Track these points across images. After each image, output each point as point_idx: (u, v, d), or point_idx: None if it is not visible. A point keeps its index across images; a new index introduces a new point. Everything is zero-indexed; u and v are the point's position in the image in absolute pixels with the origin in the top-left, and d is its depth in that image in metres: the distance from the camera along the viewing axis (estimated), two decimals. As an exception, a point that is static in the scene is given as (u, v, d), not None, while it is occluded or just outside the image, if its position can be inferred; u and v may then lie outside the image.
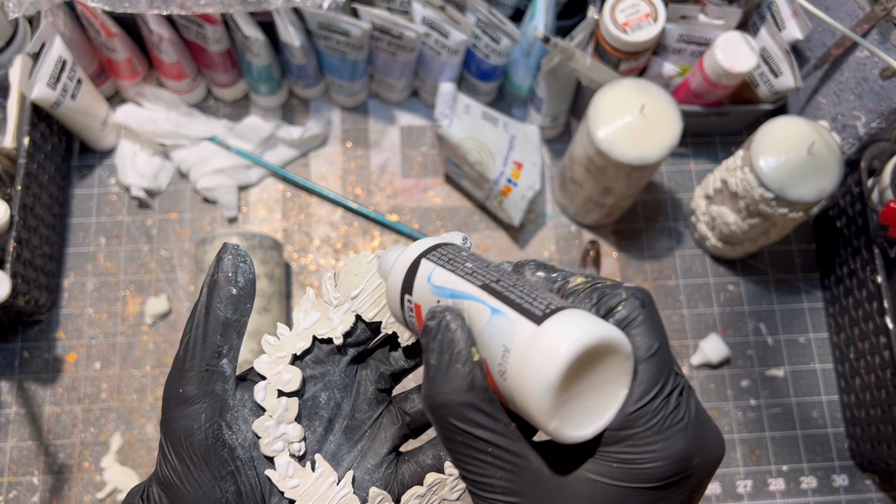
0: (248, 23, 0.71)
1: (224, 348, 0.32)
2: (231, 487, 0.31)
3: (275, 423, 0.32)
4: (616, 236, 0.80)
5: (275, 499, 0.33)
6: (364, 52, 0.74)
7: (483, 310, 0.26)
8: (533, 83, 0.79)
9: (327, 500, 0.33)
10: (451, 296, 0.28)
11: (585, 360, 0.24)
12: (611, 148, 0.64)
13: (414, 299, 0.30)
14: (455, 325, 0.26)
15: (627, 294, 0.27)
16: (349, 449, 0.35)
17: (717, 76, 0.71)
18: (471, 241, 0.84)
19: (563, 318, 0.25)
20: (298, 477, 0.33)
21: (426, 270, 0.30)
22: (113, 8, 0.64)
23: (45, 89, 0.69)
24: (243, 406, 0.33)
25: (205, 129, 0.79)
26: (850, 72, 0.70)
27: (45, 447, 0.71)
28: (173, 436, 0.31)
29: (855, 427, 0.73)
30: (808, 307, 0.79)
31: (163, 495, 0.31)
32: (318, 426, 0.34)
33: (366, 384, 0.35)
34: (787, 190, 0.64)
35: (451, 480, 0.35)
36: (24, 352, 0.73)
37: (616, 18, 0.68)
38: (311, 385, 0.34)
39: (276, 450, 0.33)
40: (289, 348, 0.34)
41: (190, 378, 0.31)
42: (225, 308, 0.32)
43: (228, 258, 0.32)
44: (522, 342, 0.24)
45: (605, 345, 0.24)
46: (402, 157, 0.82)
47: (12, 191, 0.67)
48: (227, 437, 0.32)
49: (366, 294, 0.34)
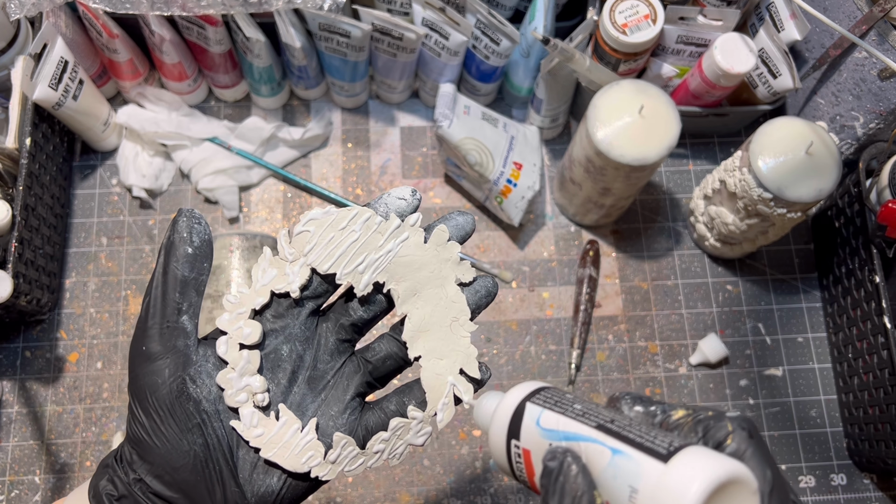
0: (250, 24, 0.71)
1: (183, 305, 0.33)
2: (198, 439, 0.32)
3: (237, 374, 0.33)
4: (615, 236, 0.81)
5: (242, 450, 0.34)
6: (365, 54, 0.74)
7: (602, 451, 0.26)
8: (532, 84, 0.79)
9: (291, 446, 0.34)
10: (566, 438, 0.28)
11: (715, 498, 0.24)
12: (610, 148, 0.64)
13: (522, 444, 0.29)
14: (576, 468, 0.26)
15: (734, 426, 0.27)
16: (313, 399, 0.36)
17: (716, 77, 0.71)
18: (469, 240, 0.83)
19: (691, 455, 0.25)
20: (263, 426, 0.34)
21: (533, 414, 0.29)
22: (114, 9, 0.65)
23: (46, 90, 0.69)
24: (206, 361, 0.34)
25: (206, 129, 0.79)
26: (848, 73, 0.71)
27: (46, 446, 0.71)
28: (139, 392, 0.32)
29: (853, 426, 0.73)
30: (806, 307, 0.79)
31: (133, 452, 0.32)
32: (281, 378, 0.35)
33: (326, 335, 0.36)
34: (785, 190, 0.64)
35: (416, 424, 0.36)
36: (26, 351, 0.74)
37: (615, 20, 0.68)
38: (273, 338, 0.35)
39: (240, 401, 0.33)
40: (248, 304, 0.35)
41: (152, 336, 0.32)
42: (182, 266, 0.33)
43: (183, 220, 0.34)
44: (651, 481, 0.24)
45: (734, 480, 0.24)
46: (402, 158, 0.82)
47: (14, 191, 0.68)
48: (191, 390, 0.33)
49: (319, 247, 0.35)
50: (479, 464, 0.73)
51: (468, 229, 0.36)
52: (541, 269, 0.79)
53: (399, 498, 0.71)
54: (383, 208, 0.35)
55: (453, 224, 0.36)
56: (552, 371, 0.76)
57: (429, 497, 0.71)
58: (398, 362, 0.37)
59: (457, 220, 0.36)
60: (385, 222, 0.35)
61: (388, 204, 0.36)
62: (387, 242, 0.35)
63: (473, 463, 0.72)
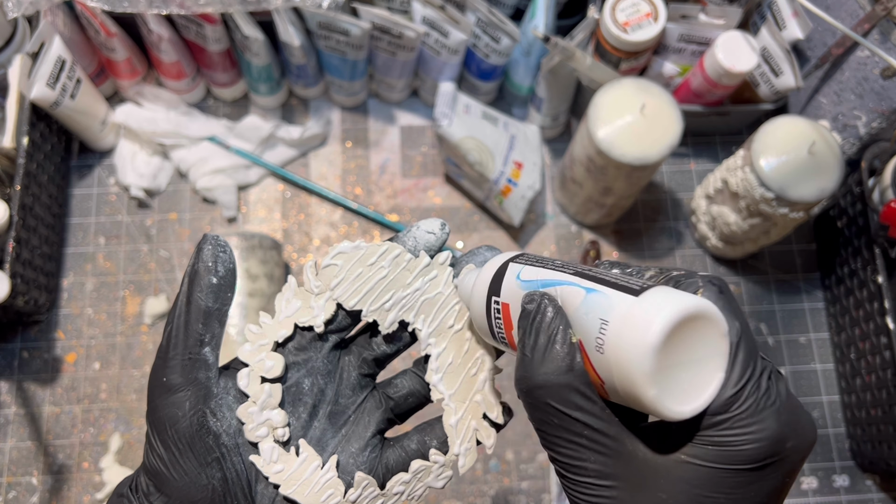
0: (248, 22, 0.70)
1: (206, 336, 0.33)
2: (217, 474, 0.32)
3: (258, 408, 0.33)
4: (616, 236, 0.80)
5: (261, 484, 0.34)
6: (364, 52, 0.74)
7: (577, 292, 0.27)
8: (533, 83, 0.79)
9: (311, 483, 0.33)
10: (543, 286, 0.28)
11: (684, 330, 0.24)
12: (611, 148, 0.64)
13: (502, 299, 0.30)
14: (552, 308, 0.27)
15: (704, 282, 0.27)
16: (333, 434, 0.35)
17: (718, 76, 0.71)
18: (470, 241, 0.83)
19: (662, 291, 0.25)
20: (283, 462, 0.33)
21: (515, 270, 0.30)
22: (112, 8, 0.64)
23: (44, 89, 0.69)
24: (227, 394, 0.33)
25: (204, 128, 0.79)
26: (850, 71, 0.70)
27: (44, 447, 0.71)
28: (158, 424, 0.32)
29: (856, 427, 0.73)
30: (808, 307, 0.79)
31: (150, 483, 0.32)
32: (302, 412, 0.35)
33: (349, 370, 0.36)
34: (787, 190, 0.64)
35: (437, 468, 0.35)
36: (24, 352, 0.73)
37: (616, 18, 0.68)
38: (294, 372, 0.34)
39: (260, 435, 0.33)
40: (271, 336, 0.34)
41: (173, 367, 0.32)
42: (206, 297, 0.32)
43: (208, 248, 0.33)
44: (621, 311, 0.24)
45: (704, 316, 0.24)
46: (401, 157, 0.82)
47: (11, 191, 0.67)
48: (211, 423, 0.32)
49: (346, 283, 0.34)
50: (479, 465, 0.72)
51: None
52: (541, 268, 0.79)
53: (399, 499, 0.71)
54: (412, 242, 0.35)
55: (481, 260, 0.36)
56: (553, 371, 0.75)
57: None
58: (420, 399, 0.37)
59: (484, 256, 0.36)
60: (414, 259, 0.35)
61: (416, 238, 0.35)
62: (415, 280, 0.34)
63: (474, 463, 0.72)
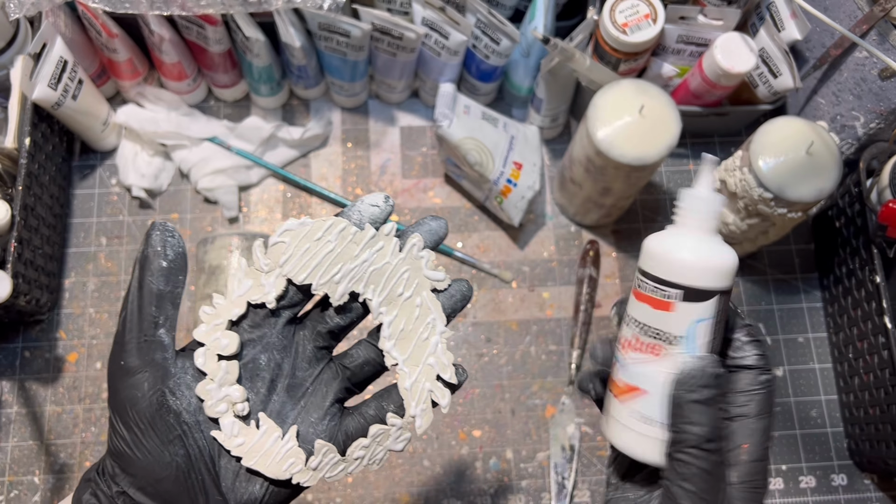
0: (249, 23, 0.71)
1: (160, 318, 0.33)
2: (180, 451, 0.33)
3: (217, 385, 0.34)
4: (615, 236, 0.81)
5: (224, 459, 0.34)
6: (364, 53, 0.74)
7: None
8: (532, 84, 0.79)
9: (273, 454, 0.34)
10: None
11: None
12: (610, 148, 0.64)
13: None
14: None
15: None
16: (293, 406, 0.36)
17: (717, 77, 0.71)
18: (470, 240, 0.83)
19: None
20: (244, 435, 0.34)
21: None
22: (114, 9, 0.64)
23: (46, 90, 0.69)
24: (185, 373, 0.34)
25: (205, 129, 0.79)
26: (848, 72, 0.71)
27: (46, 447, 0.71)
28: (119, 406, 0.32)
29: (854, 427, 0.73)
30: (806, 307, 0.79)
31: (115, 465, 0.33)
32: (260, 387, 0.36)
33: (304, 344, 0.37)
34: (785, 190, 0.64)
35: (395, 431, 0.36)
36: (25, 352, 0.74)
37: (615, 19, 0.68)
38: (250, 348, 0.35)
39: (220, 411, 0.34)
40: (225, 315, 0.35)
41: (130, 350, 0.33)
42: (157, 280, 0.33)
43: (157, 234, 0.34)
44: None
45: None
46: (402, 158, 0.82)
47: (13, 191, 0.68)
48: (171, 402, 0.33)
49: (295, 258, 0.35)
50: (479, 464, 0.72)
51: (441, 234, 0.37)
52: (541, 269, 0.79)
53: (399, 498, 0.71)
54: (357, 216, 0.36)
55: (426, 229, 0.37)
56: (552, 371, 0.75)
57: (429, 497, 0.71)
58: (376, 367, 0.38)
59: (430, 226, 0.37)
60: (360, 232, 0.35)
61: (361, 211, 0.36)
62: (362, 252, 0.35)
63: (473, 463, 0.72)
